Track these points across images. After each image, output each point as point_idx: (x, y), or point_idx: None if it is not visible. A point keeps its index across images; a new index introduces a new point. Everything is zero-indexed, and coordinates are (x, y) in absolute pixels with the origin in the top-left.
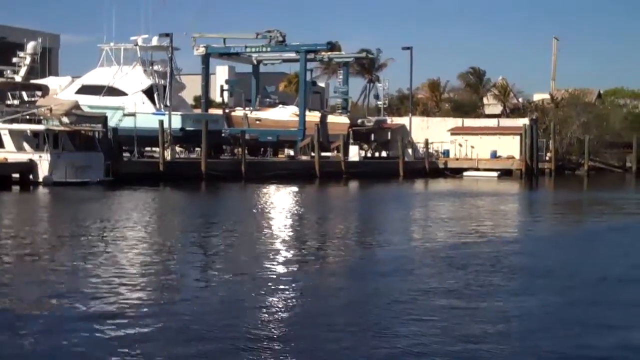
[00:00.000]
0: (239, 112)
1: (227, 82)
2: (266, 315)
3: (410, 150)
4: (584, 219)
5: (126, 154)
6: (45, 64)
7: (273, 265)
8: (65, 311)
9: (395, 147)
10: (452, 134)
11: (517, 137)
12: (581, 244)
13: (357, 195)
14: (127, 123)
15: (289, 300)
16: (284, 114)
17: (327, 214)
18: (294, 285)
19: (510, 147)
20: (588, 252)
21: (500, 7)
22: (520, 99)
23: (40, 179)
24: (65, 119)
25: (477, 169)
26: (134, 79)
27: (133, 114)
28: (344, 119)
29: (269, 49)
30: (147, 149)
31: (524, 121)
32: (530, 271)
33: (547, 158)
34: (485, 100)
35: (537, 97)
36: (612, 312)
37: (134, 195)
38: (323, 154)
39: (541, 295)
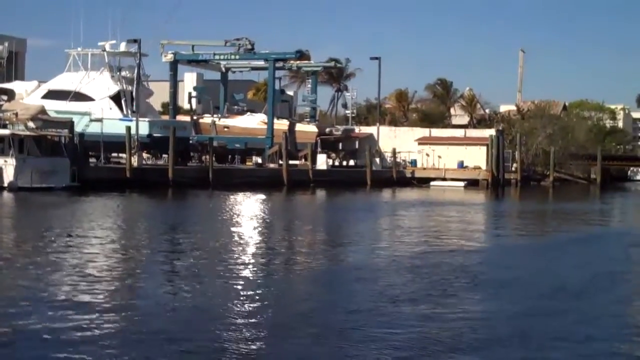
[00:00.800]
0: (207, 119)
1: (195, 89)
2: (225, 323)
3: (377, 160)
4: (548, 230)
5: (92, 160)
6: (12, 68)
7: (236, 273)
8: (18, 318)
9: (363, 156)
10: (419, 143)
11: (484, 148)
12: (545, 254)
13: (324, 203)
14: (94, 129)
15: (249, 308)
16: (252, 122)
17: (293, 222)
18: (256, 292)
19: (477, 158)
20: (551, 263)
21: (468, 19)
22: (487, 110)
23: (5, 184)
24: (31, 124)
25: (444, 179)
26: (101, 85)
27: (100, 120)
28: (312, 128)
29: (237, 57)
30: (114, 155)
31: (490, 132)
32: (494, 281)
33: (513, 169)
34: (452, 111)
35: (503, 108)
36: (570, 322)
37: (99, 202)
38: (291, 162)
39: (502, 305)
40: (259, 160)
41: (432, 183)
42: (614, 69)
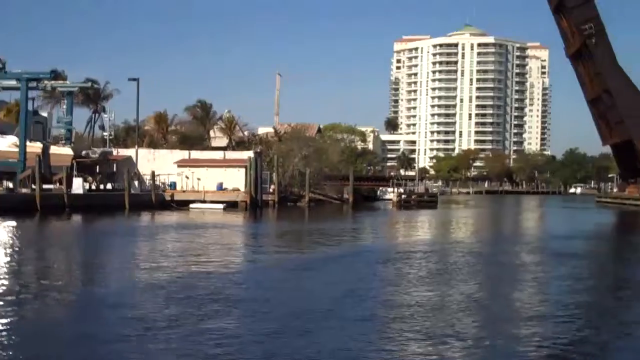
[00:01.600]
0: None
1: None
2: None
3: (136, 183)
4: (303, 249)
5: None
6: None
7: None
8: None
9: (121, 180)
10: (179, 166)
11: (243, 170)
12: (300, 273)
13: (80, 229)
14: None
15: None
16: (3, 144)
17: (43, 250)
18: None
19: (236, 180)
20: (305, 282)
21: (226, 42)
22: (245, 132)
23: None
24: None
25: (204, 201)
26: None
27: None
28: (68, 150)
29: None
30: None
31: (249, 154)
32: (248, 301)
33: (271, 190)
34: (212, 133)
35: (261, 130)
36: (318, 342)
37: None
38: (45, 186)
39: (254, 325)
40: (10, 185)
41: (191, 205)
42: (365, 94)
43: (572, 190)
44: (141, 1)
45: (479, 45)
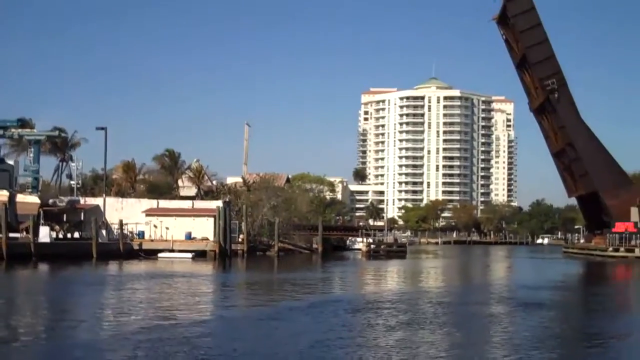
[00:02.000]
0: None
1: None
2: None
3: (104, 232)
4: (272, 299)
5: None
6: None
7: None
8: None
9: (89, 228)
10: (147, 215)
11: (211, 219)
12: (268, 323)
13: (47, 278)
14: None
15: None
16: None
17: (9, 300)
18: None
19: (205, 229)
20: (272, 332)
21: (193, 93)
22: (214, 182)
23: None
24: None
25: (172, 250)
26: None
27: None
28: (34, 199)
29: None
30: None
31: (217, 203)
32: (216, 352)
33: (240, 239)
34: (180, 182)
35: (230, 180)
36: None
37: None
38: (11, 234)
39: None
40: None
41: (160, 255)
42: (333, 145)
43: (539, 240)
44: (108, 50)
45: (445, 98)
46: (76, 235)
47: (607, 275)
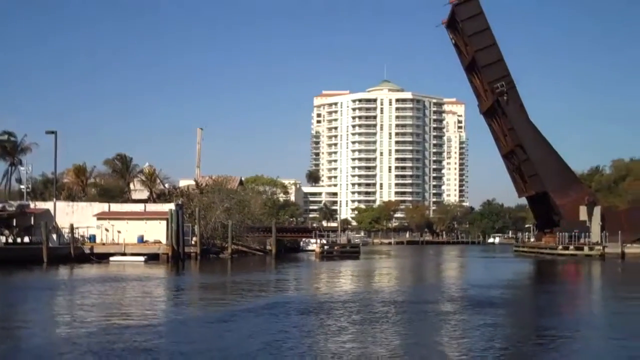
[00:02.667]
0: None
1: None
2: None
3: (55, 236)
4: (225, 301)
5: None
6: None
7: None
8: None
9: (39, 233)
10: (98, 218)
11: (164, 222)
12: (220, 325)
13: None
14: None
15: None
16: None
17: None
18: None
19: (157, 232)
20: (223, 334)
21: (146, 95)
22: (166, 185)
23: None
24: None
25: (124, 254)
26: None
27: None
28: None
29: None
30: None
31: (170, 206)
32: (167, 355)
33: (193, 242)
34: (132, 186)
35: (183, 183)
36: None
37: None
38: None
39: None
40: None
41: (111, 258)
42: (287, 147)
43: (490, 240)
44: (58, 52)
45: (397, 100)
46: (26, 239)
47: (557, 274)
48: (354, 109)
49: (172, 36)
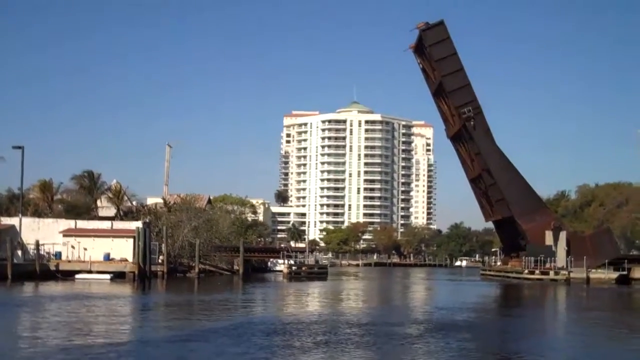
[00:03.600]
0: None
1: None
2: None
3: (20, 252)
4: (190, 321)
5: None
6: None
7: None
8: None
9: (4, 249)
10: (64, 235)
11: (131, 240)
12: (185, 345)
13: None
14: None
15: None
16: None
17: None
18: None
19: (124, 250)
20: (187, 354)
21: (114, 112)
22: (134, 202)
23: None
24: None
25: (90, 272)
26: None
27: None
28: None
29: None
30: None
31: (137, 224)
32: None
33: (159, 261)
34: (99, 203)
35: (150, 200)
36: None
37: None
38: None
39: None
40: None
41: (77, 276)
42: (255, 167)
43: (457, 263)
44: (26, 68)
45: (367, 122)
46: None
47: (523, 297)
48: (323, 130)
49: (140, 53)
